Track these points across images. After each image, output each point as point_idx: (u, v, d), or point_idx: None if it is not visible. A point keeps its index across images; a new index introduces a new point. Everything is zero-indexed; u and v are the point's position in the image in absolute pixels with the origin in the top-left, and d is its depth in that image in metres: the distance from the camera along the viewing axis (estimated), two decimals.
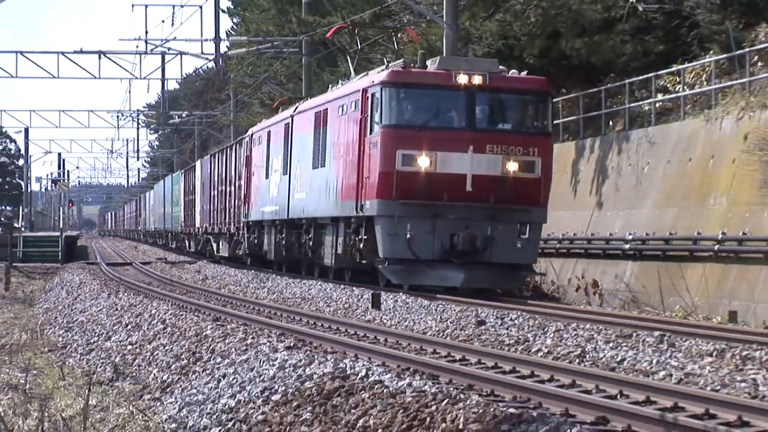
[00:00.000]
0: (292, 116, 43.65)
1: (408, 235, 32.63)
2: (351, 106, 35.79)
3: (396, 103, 33.39)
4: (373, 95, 33.85)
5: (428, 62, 34.17)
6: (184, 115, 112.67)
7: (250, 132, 52.55)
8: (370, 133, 33.86)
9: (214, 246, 63.93)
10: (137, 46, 70.60)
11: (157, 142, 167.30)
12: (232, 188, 57.51)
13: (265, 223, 47.66)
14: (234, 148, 59.02)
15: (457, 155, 32.95)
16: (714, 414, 12.75)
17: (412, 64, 34.36)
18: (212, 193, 64.57)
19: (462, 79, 32.99)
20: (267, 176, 46.94)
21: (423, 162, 32.86)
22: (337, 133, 37.19)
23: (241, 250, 54.30)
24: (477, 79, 33.08)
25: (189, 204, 76.92)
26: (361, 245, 34.67)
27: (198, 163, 74.35)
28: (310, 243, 40.75)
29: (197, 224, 71.12)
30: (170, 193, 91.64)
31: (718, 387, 15.49)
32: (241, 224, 53.04)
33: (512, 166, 32.96)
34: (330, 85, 45.56)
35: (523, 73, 34.84)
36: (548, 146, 34.31)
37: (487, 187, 32.82)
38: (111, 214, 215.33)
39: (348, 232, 35.99)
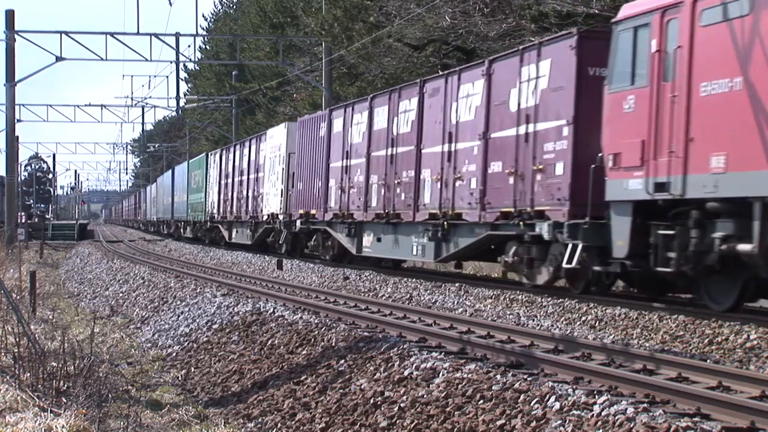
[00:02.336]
0: None
1: None
2: None
3: None
4: None
5: None
6: (156, 146, 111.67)
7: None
8: None
9: (351, 242, 28.03)
10: (126, 102, 70.94)
11: (139, 163, 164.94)
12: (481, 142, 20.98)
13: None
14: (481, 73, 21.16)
15: None
16: (493, 335, 12.82)
17: None
18: (347, 164, 28.55)
19: None
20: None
21: None
22: None
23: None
24: None
25: (230, 187, 45.86)
26: None
27: (272, 131, 38.88)
28: None
29: (267, 210, 37.77)
30: (185, 182, 60.71)
31: (496, 318, 15.58)
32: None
33: None
34: None
35: None
36: None
37: None
38: (113, 207, 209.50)
39: None
